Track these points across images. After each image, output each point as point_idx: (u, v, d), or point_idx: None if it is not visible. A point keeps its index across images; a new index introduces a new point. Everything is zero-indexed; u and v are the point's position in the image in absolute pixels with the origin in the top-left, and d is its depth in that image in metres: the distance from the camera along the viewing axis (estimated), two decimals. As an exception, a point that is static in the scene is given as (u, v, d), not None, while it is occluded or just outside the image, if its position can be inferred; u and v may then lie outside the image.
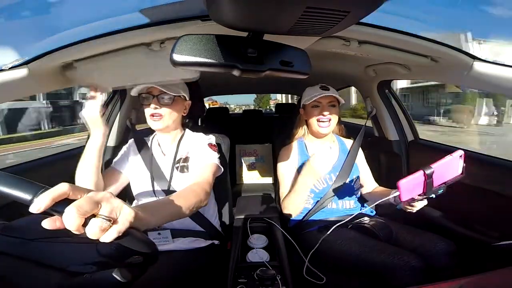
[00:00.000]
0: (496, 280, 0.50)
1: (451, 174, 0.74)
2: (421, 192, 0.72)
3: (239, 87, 2.57)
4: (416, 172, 0.71)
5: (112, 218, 0.37)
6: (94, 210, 0.35)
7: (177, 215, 0.62)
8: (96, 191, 0.38)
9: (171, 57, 0.44)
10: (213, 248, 0.96)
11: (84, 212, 0.34)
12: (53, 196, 0.33)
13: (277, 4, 0.36)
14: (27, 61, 0.72)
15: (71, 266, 0.43)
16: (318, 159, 0.94)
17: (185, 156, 0.96)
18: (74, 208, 0.33)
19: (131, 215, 0.39)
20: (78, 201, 0.34)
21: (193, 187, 0.76)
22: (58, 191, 0.34)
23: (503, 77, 0.75)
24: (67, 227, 0.33)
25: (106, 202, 0.37)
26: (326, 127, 1.03)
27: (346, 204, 1.07)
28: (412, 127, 1.41)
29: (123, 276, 0.40)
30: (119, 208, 0.38)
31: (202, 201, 0.74)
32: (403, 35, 0.76)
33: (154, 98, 0.86)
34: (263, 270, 0.71)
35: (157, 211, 0.52)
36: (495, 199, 0.94)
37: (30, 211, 0.32)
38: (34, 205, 0.32)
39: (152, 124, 0.89)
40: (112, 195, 0.39)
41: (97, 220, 0.35)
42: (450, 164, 0.73)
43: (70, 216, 0.33)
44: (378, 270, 0.77)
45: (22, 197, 0.34)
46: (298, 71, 0.53)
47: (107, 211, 0.36)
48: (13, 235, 0.44)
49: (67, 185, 0.35)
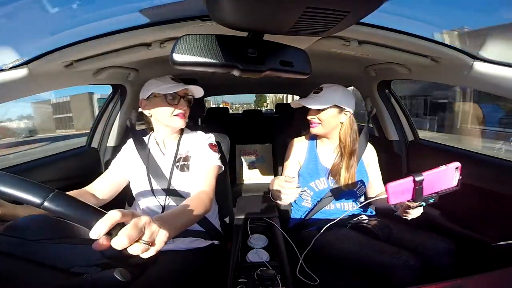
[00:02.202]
0: (496, 280, 0.50)
1: (445, 185, 0.73)
2: (410, 198, 0.71)
3: (239, 87, 2.57)
4: (407, 177, 0.70)
5: (151, 242, 0.44)
6: (139, 236, 0.42)
7: (188, 225, 0.66)
8: (138, 215, 0.44)
9: (171, 57, 0.44)
10: (213, 248, 0.96)
11: (132, 240, 0.40)
12: (109, 224, 0.39)
13: (277, 4, 0.36)
14: (27, 61, 0.72)
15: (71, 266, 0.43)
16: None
17: (185, 155, 0.96)
18: (125, 237, 0.39)
19: (166, 236, 0.47)
20: (127, 230, 0.40)
21: (201, 196, 0.80)
22: (112, 220, 0.39)
23: (503, 77, 0.75)
24: (115, 248, 0.39)
25: (148, 228, 0.44)
26: (313, 128, 1.03)
27: (345, 206, 1.07)
28: (412, 127, 1.41)
29: (123, 276, 0.40)
30: (156, 232, 0.46)
31: (208, 210, 0.79)
32: (403, 35, 0.76)
33: (181, 99, 0.91)
34: (263, 270, 0.72)
35: (175, 223, 0.56)
36: (495, 199, 0.94)
37: (91, 237, 0.38)
38: (93, 232, 0.38)
39: (177, 122, 0.92)
40: (152, 220, 0.46)
41: (140, 245, 0.42)
42: (444, 174, 0.72)
43: (121, 242, 0.39)
44: (378, 270, 0.77)
45: (85, 222, 0.39)
46: (298, 71, 0.53)
47: (148, 236, 0.43)
48: (13, 235, 0.44)
49: (119, 213, 0.40)
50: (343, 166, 1.03)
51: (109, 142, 1.36)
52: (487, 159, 1.04)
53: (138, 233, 0.41)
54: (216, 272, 0.89)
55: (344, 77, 1.52)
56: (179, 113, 0.91)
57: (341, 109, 1.00)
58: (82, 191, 0.87)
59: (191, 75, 1.44)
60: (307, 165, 1.08)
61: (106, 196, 0.92)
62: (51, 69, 0.80)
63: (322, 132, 1.03)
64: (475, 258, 0.90)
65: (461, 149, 1.18)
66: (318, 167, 1.07)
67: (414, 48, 0.84)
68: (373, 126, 1.54)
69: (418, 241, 0.86)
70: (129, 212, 0.42)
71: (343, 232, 0.95)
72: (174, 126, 0.93)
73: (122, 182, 0.96)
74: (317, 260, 0.91)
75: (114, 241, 0.39)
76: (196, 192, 0.84)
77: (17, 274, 0.40)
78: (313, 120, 1.02)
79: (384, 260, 0.77)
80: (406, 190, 0.70)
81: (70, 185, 1.11)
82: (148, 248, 0.43)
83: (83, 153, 1.30)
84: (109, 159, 1.33)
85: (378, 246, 0.83)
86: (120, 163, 0.97)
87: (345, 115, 1.01)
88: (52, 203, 0.38)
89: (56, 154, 1.19)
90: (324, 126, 1.01)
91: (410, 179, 0.69)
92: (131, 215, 0.42)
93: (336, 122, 1.02)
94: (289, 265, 0.81)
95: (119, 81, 1.20)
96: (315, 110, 1.00)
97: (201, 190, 0.84)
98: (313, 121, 1.02)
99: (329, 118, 1.00)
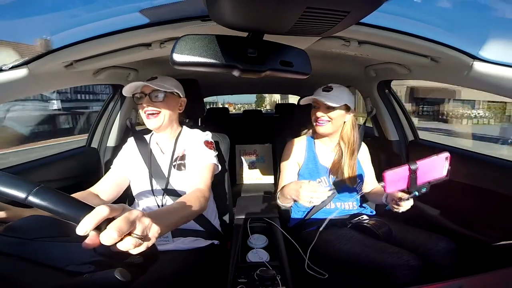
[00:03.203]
0: (496, 280, 0.50)
1: (436, 175, 0.77)
2: (404, 186, 0.75)
3: (239, 87, 2.57)
4: (402, 165, 0.74)
5: (143, 236, 0.42)
6: (130, 229, 0.39)
7: (182, 223, 0.65)
8: (130, 209, 0.42)
9: (171, 57, 0.44)
10: (213, 248, 0.96)
11: (122, 233, 0.38)
12: (96, 220, 0.37)
13: (277, 4, 0.36)
14: (27, 61, 0.72)
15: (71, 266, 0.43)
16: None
17: (181, 154, 0.96)
18: (114, 231, 0.37)
19: (158, 232, 0.45)
20: (117, 223, 0.38)
21: (197, 194, 0.78)
22: (100, 215, 0.37)
23: (503, 77, 0.75)
24: (104, 244, 0.37)
25: (139, 222, 0.42)
26: (321, 126, 1.03)
27: (346, 204, 1.07)
28: (412, 127, 1.41)
29: (123, 276, 0.40)
30: (149, 226, 0.44)
31: (203, 208, 0.77)
32: (403, 35, 0.76)
33: (147, 96, 0.88)
34: (263, 270, 0.72)
35: (167, 220, 0.55)
36: (495, 199, 0.94)
37: (77, 233, 0.36)
38: (79, 228, 0.36)
39: (148, 123, 0.91)
40: (143, 214, 0.44)
41: (131, 239, 0.40)
42: (434, 163, 0.76)
43: (110, 236, 0.37)
44: (379, 269, 0.77)
45: (72, 217, 0.38)
46: (298, 71, 0.53)
47: (140, 230, 0.41)
48: (13, 235, 0.44)
49: (107, 208, 0.38)
50: (345, 164, 1.04)
51: (109, 142, 1.36)
52: (487, 159, 1.04)
53: (129, 227, 0.39)
54: (216, 272, 0.89)
55: (344, 77, 1.51)
56: (147, 111, 0.89)
57: (348, 109, 1.02)
58: (86, 193, 0.87)
59: (191, 75, 1.44)
60: (306, 165, 1.08)
61: (111, 197, 0.91)
62: (51, 69, 0.80)
63: (331, 130, 1.04)
64: (475, 258, 0.90)
65: (461, 149, 1.18)
66: (317, 167, 1.07)
67: (414, 48, 0.84)
68: (373, 126, 1.54)
69: (418, 241, 0.86)
70: (119, 206, 0.41)
71: (343, 232, 0.95)
72: (149, 127, 0.92)
73: (124, 182, 0.96)
74: (317, 260, 0.91)
75: (102, 235, 0.37)
76: (191, 190, 0.83)
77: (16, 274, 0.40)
78: (323, 118, 1.02)
79: (385, 260, 0.77)
80: (401, 178, 0.74)
81: (70, 185, 1.11)
82: (140, 243, 0.41)
83: (83, 153, 1.30)
84: (109, 159, 1.33)
85: (378, 246, 0.83)
86: (122, 162, 0.97)
87: (349, 115, 1.04)
88: (37, 197, 0.37)
89: (56, 154, 1.19)
90: (334, 124, 1.03)
91: (406, 167, 0.73)
92: (121, 209, 0.41)
93: (341, 121, 1.04)
94: (289, 265, 0.81)
95: (119, 81, 1.20)
96: (326, 108, 1.01)
97: (196, 188, 0.83)
98: (323, 119, 1.02)
99: (339, 116, 1.02)
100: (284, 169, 1.11)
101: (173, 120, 0.97)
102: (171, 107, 0.92)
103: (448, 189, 0.85)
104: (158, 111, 0.89)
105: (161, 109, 0.90)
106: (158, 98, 0.89)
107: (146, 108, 0.88)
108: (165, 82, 0.91)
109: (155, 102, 0.88)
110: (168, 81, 0.94)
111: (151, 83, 0.88)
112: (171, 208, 0.66)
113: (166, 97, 0.90)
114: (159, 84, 0.88)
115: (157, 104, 0.89)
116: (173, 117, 0.96)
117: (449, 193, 1.02)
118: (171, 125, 0.97)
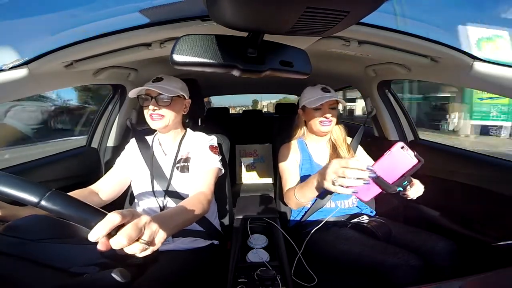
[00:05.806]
0: (496, 280, 0.50)
1: (405, 167, 0.70)
2: (380, 191, 0.69)
3: (239, 87, 2.57)
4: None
5: (150, 241, 0.43)
6: (138, 235, 0.41)
7: (185, 225, 0.65)
8: (138, 215, 0.43)
9: (171, 57, 0.44)
10: (213, 248, 0.96)
11: (131, 240, 0.40)
12: (108, 228, 0.38)
13: (277, 4, 0.36)
14: (27, 61, 0.72)
15: (71, 266, 0.43)
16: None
17: (185, 156, 0.96)
18: (124, 238, 0.39)
19: (164, 237, 0.47)
20: (127, 230, 0.40)
21: (200, 197, 0.79)
22: (112, 223, 0.38)
23: (503, 77, 0.75)
24: (113, 248, 0.39)
25: (147, 228, 0.43)
26: (327, 126, 1.03)
27: (345, 203, 1.07)
28: (412, 127, 1.41)
29: (123, 276, 0.40)
30: (156, 231, 0.45)
31: (206, 211, 0.78)
32: (403, 35, 0.76)
33: (153, 99, 0.87)
34: (263, 270, 0.71)
35: (172, 223, 0.56)
36: (495, 199, 0.94)
37: (89, 239, 0.37)
38: (92, 235, 0.37)
39: (152, 124, 0.90)
40: (151, 220, 0.45)
41: (139, 244, 0.41)
42: (393, 158, 0.70)
43: (119, 242, 0.39)
44: (378, 269, 0.77)
45: (83, 222, 0.39)
46: (298, 71, 0.53)
47: (147, 236, 0.43)
48: (13, 235, 0.44)
49: (118, 216, 0.39)
50: (342, 154, 1.06)
51: (109, 142, 1.36)
52: (487, 159, 1.04)
53: (138, 233, 0.41)
54: (216, 272, 0.89)
55: (344, 77, 1.51)
56: (152, 114, 0.88)
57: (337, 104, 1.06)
58: (86, 191, 0.87)
59: (191, 75, 1.44)
60: (303, 166, 1.08)
61: (111, 196, 0.91)
62: (51, 69, 0.80)
63: (331, 128, 1.06)
64: (475, 258, 0.90)
65: (461, 149, 1.18)
66: (313, 166, 1.07)
67: (414, 48, 0.84)
68: (373, 126, 1.54)
69: (418, 241, 0.86)
70: (128, 212, 0.42)
71: (343, 232, 0.94)
72: (153, 127, 0.92)
73: (125, 181, 0.96)
74: (317, 260, 0.91)
75: (113, 241, 0.39)
76: (195, 193, 0.83)
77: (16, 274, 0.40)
78: (330, 118, 1.03)
79: (385, 260, 0.77)
80: (371, 185, 0.68)
81: (70, 185, 1.11)
82: (146, 248, 0.43)
83: (83, 153, 1.30)
84: (109, 159, 1.33)
85: (378, 246, 0.83)
86: (124, 162, 0.97)
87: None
88: (49, 202, 0.38)
89: (56, 154, 1.19)
90: (334, 123, 1.05)
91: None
92: (131, 216, 0.42)
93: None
94: (289, 265, 0.81)
95: (119, 81, 1.20)
96: (332, 109, 1.03)
97: (200, 191, 0.83)
98: (330, 118, 1.03)
99: (337, 113, 1.05)
100: (285, 171, 1.09)
101: (178, 122, 0.97)
102: (176, 109, 0.92)
103: (448, 189, 0.85)
104: (164, 114, 0.89)
105: (167, 112, 0.89)
106: (165, 102, 0.88)
107: (152, 111, 0.88)
108: (171, 84, 0.90)
109: (161, 105, 0.88)
110: (174, 82, 0.92)
111: (157, 85, 0.87)
112: (175, 211, 0.66)
113: (173, 100, 0.89)
114: (166, 88, 0.88)
115: (163, 107, 0.88)
116: (178, 119, 0.96)
117: (449, 193, 1.02)
118: (175, 127, 0.97)
